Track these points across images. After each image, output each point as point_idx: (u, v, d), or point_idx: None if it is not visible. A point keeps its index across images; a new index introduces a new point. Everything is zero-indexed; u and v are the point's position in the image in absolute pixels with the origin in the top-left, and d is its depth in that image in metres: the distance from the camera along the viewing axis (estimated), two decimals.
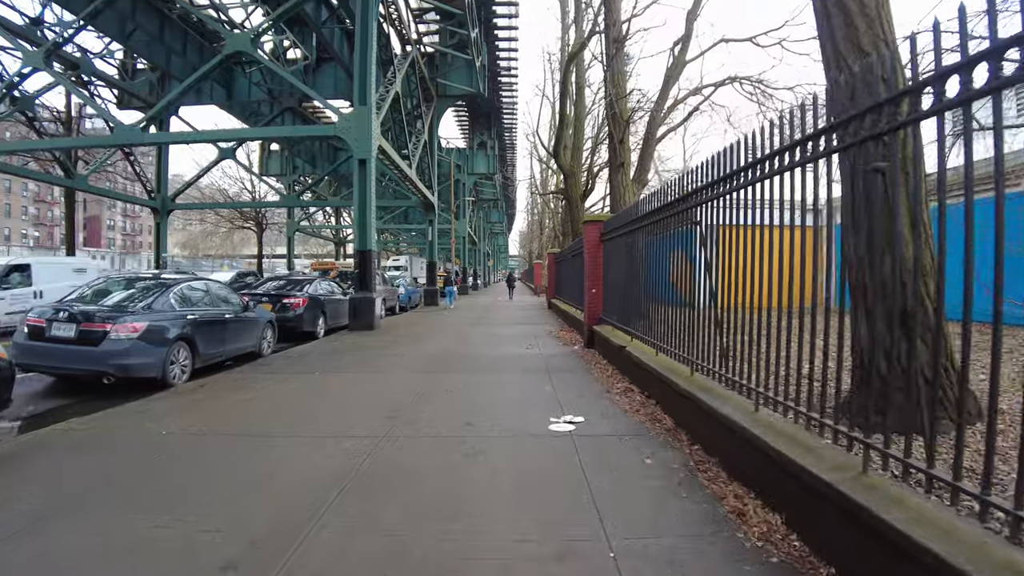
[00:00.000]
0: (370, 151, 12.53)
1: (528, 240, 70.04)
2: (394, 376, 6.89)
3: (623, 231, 7.44)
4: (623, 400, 5.46)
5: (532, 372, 7.06)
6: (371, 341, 10.44)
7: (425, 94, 21.67)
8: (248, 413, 5.12)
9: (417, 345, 9.85)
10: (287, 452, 3.95)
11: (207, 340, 7.54)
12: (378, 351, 9.17)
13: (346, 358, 8.49)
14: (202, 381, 6.84)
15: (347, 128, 12.68)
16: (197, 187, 40.99)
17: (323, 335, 11.79)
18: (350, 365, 7.80)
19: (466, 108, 34.84)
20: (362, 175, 12.55)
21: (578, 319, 11.26)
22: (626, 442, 4.15)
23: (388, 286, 18.06)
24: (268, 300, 11.14)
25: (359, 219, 12.49)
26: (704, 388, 4.19)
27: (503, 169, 46.82)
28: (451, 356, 8.45)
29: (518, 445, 4.09)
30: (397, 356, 8.52)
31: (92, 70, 20.66)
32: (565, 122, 16.06)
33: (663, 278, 5.61)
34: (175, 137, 14.77)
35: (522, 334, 11.53)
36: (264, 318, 9.31)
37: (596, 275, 9.07)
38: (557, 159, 16.76)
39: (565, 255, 16.04)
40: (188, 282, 7.78)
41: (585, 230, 9.31)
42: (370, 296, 12.24)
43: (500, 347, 9.48)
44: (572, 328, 12.02)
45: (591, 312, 9.12)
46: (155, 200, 23.38)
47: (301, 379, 6.78)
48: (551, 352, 8.85)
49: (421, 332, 12.08)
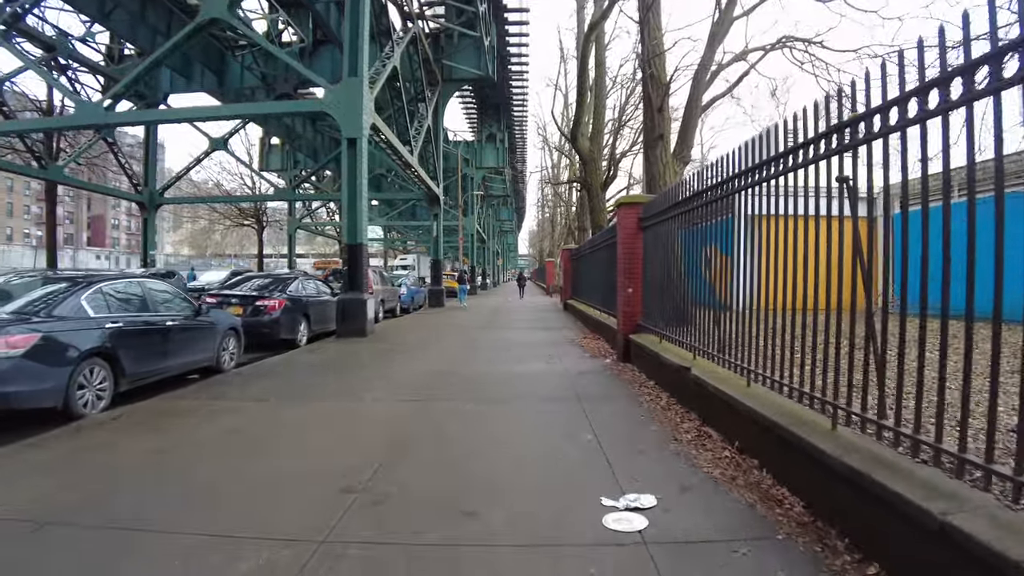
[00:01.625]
0: (361, 129, 10.80)
1: (538, 238, 68.20)
2: (373, 408, 5.12)
3: (677, 212, 5.63)
4: (703, 457, 3.65)
5: (560, 402, 5.26)
6: (358, 352, 8.69)
7: (429, 77, 19.91)
8: (140, 476, 3.38)
9: (413, 357, 8.09)
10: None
11: (137, 355, 5.83)
12: (363, 366, 7.42)
13: (320, 376, 6.75)
14: (124, 410, 5.15)
15: (335, 103, 10.96)
16: (194, 184, 39.83)
17: (305, 343, 10.08)
18: (321, 388, 6.05)
19: (473, 97, 33.10)
20: (352, 157, 10.83)
21: (605, 324, 9.45)
22: (746, 559, 2.35)
23: (388, 286, 16.35)
24: (239, 302, 9.45)
25: (348, 208, 10.76)
26: (877, 460, 2.38)
27: (513, 163, 45.05)
28: (452, 375, 6.68)
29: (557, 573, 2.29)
30: (384, 374, 6.76)
31: (71, 53, 19.14)
32: (584, 101, 14.24)
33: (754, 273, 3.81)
34: (143, 116, 13.17)
35: (539, 342, 9.74)
36: (224, 325, 7.59)
37: (632, 271, 7.26)
38: (575, 143, 14.95)
39: (583, 251, 14.22)
40: (112, 281, 6.06)
41: (619, 216, 7.50)
42: (360, 297, 10.51)
43: (514, 360, 7.70)
44: (597, 334, 10.21)
45: (626, 317, 7.31)
46: (142, 194, 21.90)
47: (246, 412, 5.03)
48: (579, 368, 7.05)
49: (421, 339, 10.32)
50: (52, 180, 18.73)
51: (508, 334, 11.10)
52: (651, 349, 6.15)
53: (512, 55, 28.53)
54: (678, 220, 5.75)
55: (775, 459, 3.20)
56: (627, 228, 7.26)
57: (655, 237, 6.63)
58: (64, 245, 63.27)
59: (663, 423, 4.48)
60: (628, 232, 7.25)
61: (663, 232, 6.36)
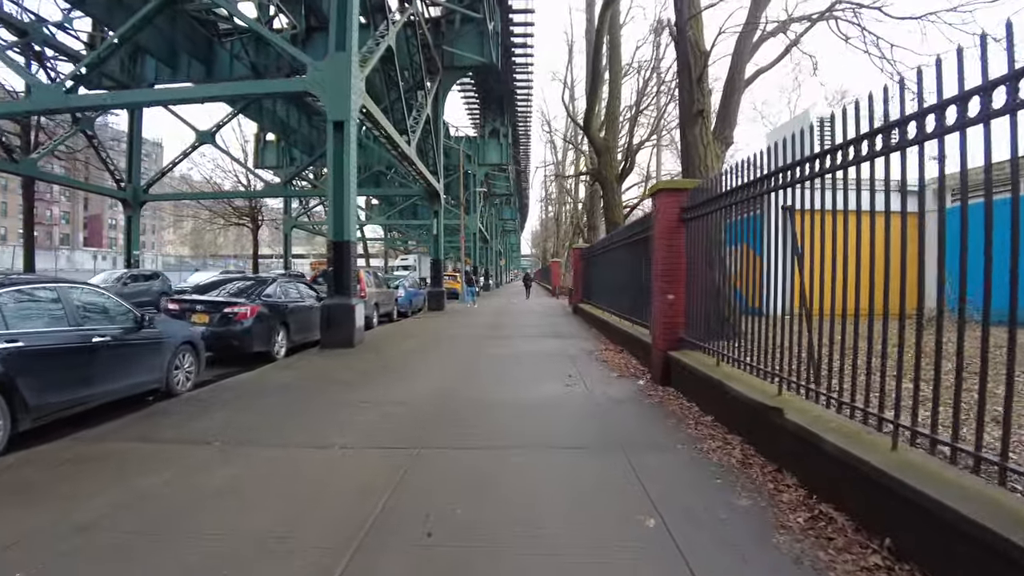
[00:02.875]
0: (348, 111, 9.48)
1: (542, 238, 66.79)
2: (340, 463, 3.78)
3: (742, 198, 4.30)
4: (843, 568, 2.29)
5: (595, 453, 3.90)
6: (341, 368, 7.36)
7: (429, 64, 18.59)
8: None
9: (403, 376, 6.75)
10: None
11: (47, 382, 4.53)
12: (342, 388, 6.08)
13: (286, 404, 5.41)
14: (14, 459, 3.86)
15: (320, 81, 9.64)
16: (187, 181, 38.57)
17: (283, 355, 8.76)
18: (281, 424, 4.71)
19: (476, 90, 31.82)
20: (338, 143, 9.51)
21: (629, 334, 8.10)
22: None
23: (383, 288, 15.02)
24: (204, 309, 8.13)
25: (334, 200, 9.44)
26: None
27: (516, 159, 43.68)
28: (448, 404, 5.33)
29: None
30: (365, 402, 5.41)
31: (46, 39, 17.89)
32: (598, 85, 12.89)
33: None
34: (108, 100, 11.86)
35: (553, 353, 8.39)
36: (176, 338, 6.27)
37: (673, 273, 5.91)
38: (588, 131, 13.61)
39: (597, 250, 12.88)
40: (15, 287, 4.72)
41: (657, 205, 6.16)
42: (347, 303, 9.18)
43: (526, 381, 6.35)
44: (619, 346, 8.86)
45: (665, 330, 5.96)
46: (125, 191, 20.66)
47: (173, 463, 3.70)
48: (607, 393, 5.70)
49: (416, 350, 8.98)
50: (25, 175, 17.48)
51: (517, 344, 9.76)
52: (705, 373, 4.80)
53: (516, 45, 27.22)
54: (741, 208, 4.42)
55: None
56: (666, 220, 5.91)
57: (704, 231, 5.30)
58: (60, 245, 62.19)
59: (750, 491, 3.13)
60: (667, 225, 5.90)
61: (715, 224, 5.03)
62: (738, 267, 4.57)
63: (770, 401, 3.67)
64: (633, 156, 13.66)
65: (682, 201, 5.85)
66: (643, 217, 7.17)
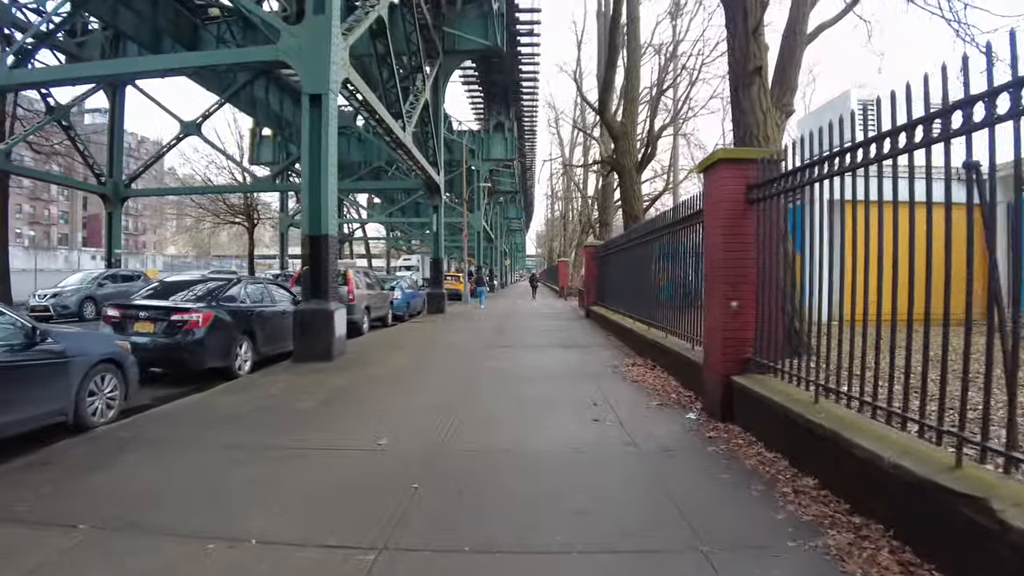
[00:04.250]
0: (327, 82, 8.07)
1: (547, 238, 65.25)
2: (254, 570, 2.35)
3: (859, 162, 2.85)
4: None
5: (658, 563, 2.45)
6: (307, 391, 5.93)
7: (428, 48, 17.18)
8: None
9: (381, 407, 5.32)
10: None
11: None
12: (297, 426, 4.65)
13: (212, 454, 3.97)
14: None
15: (294, 48, 8.24)
16: (180, 179, 37.35)
17: (248, 370, 7.35)
18: (191, 492, 3.26)
19: (480, 84, 30.44)
20: (315, 120, 8.10)
21: (663, 347, 6.64)
22: None
23: (377, 290, 13.60)
24: (149, 316, 6.73)
25: (309, 188, 8.03)
26: None
27: (522, 152, 42.23)
28: (435, 459, 3.88)
29: None
30: (320, 453, 3.97)
31: (14, 20, 16.56)
32: (615, 60, 11.43)
33: None
34: (54, 75, 10.53)
35: (571, 370, 6.94)
36: (91, 355, 4.87)
37: (738, 272, 4.45)
38: (603, 115, 12.16)
39: (615, 247, 11.41)
40: None
41: (712, 182, 4.70)
42: (324, 308, 7.77)
43: (540, 413, 4.90)
44: (648, 358, 7.40)
45: (727, 347, 4.48)
46: (105, 186, 19.37)
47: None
48: (654, 435, 4.23)
49: (403, 367, 7.55)
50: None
51: (525, 356, 8.31)
52: (800, 415, 3.34)
53: (522, 33, 25.80)
54: (855, 178, 2.98)
55: None
56: (726, 201, 4.45)
57: (782, 214, 3.85)
58: (58, 245, 61.29)
59: None
60: (728, 207, 4.44)
61: (809, 203, 3.58)
62: (860, 261, 3.12)
63: (951, 480, 2.22)
64: (654, 142, 12.20)
65: (749, 176, 4.40)
66: (686, 201, 5.71)
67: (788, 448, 3.56)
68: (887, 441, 2.71)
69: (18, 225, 57.84)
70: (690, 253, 5.77)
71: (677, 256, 6.33)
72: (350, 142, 31.24)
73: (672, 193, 19.54)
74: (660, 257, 7.23)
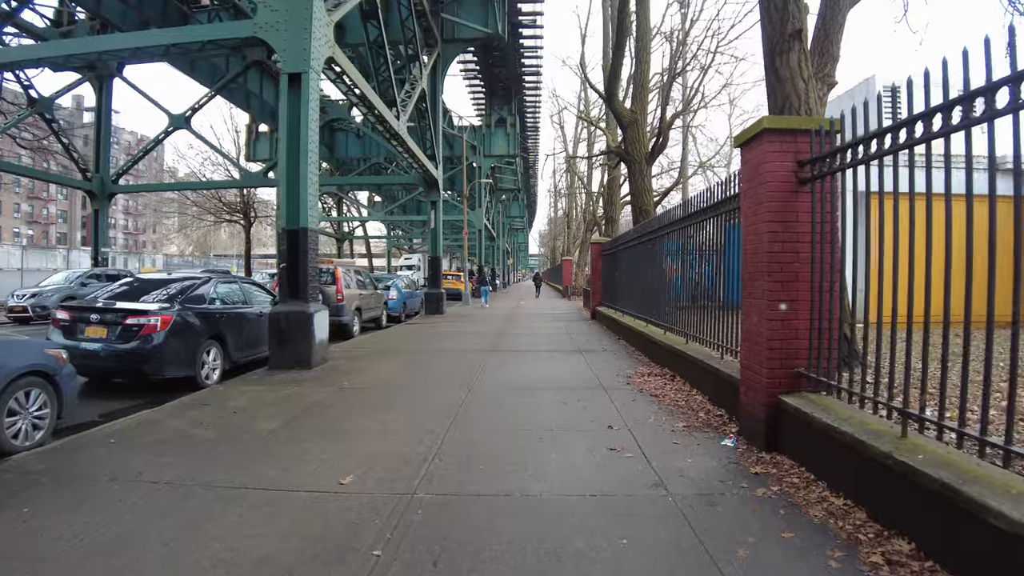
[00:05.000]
0: (308, 60, 7.28)
1: (551, 236, 64.34)
2: None
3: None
4: None
5: None
6: (275, 407, 5.13)
7: (426, 35, 16.39)
8: None
9: (360, 430, 4.52)
10: None
11: None
12: (252, 456, 3.84)
13: (138, 492, 3.16)
14: None
15: (271, 23, 7.44)
16: (180, 179, 36.68)
17: (217, 379, 6.56)
18: (82, 562, 2.47)
19: (481, 78, 29.60)
20: (293, 102, 7.30)
21: (683, 355, 5.81)
22: None
23: (370, 290, 12.80)
24: (101, 320, 5.95)
25: (287, 178, 7.23)
26: None
27: (525, 146, 41.38)
28: (408, 511, 3.09)
29: None
30: (271, 494, 3.17)
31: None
32: (624, 42, 10.60)
33: None
34: (21, 55, 9.73)
35: (578, 380, 6.11)
36: (8, 368, 4.09)
37: (787, 266, 3.62)
38: (611, 102, 11.32)
39: (624, 243, 10.58)
40: None
41: (749, 162, 3.87)
42: (303, 310, 6.97)
43: (545, 443, 4.08)
44: (665, 366, 6.58)
45: (774, 360, 3.64)
46: (91, 182, 18.63)
47: None
48: (687, 474, 3.40)
49: (390, 378, 6.75)
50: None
51: (528, 364, 7.50)
52: (885, 454, 2.52)
53: (525, 25, 25.00)
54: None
55: None
56: (772, 182, 3.62)
57: (837, 193, 3.03)
58: (57, 244, 60.71)
59: None
60: (774, 189, 3.62)
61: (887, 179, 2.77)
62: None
63: None
64: (666, 131, 11.32)
65: (801, 150, 3.58)
66: (717, 185, 4.88)
67: (865, 494, 2.74)
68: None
69: (16, 224, 57.37)
70: (720, 246, 4.95)
71: (703, 250, 5.51)
72: (348, 138, 30.53)
73: (681, 189, 18.70)
74: (681, 252, 6.40)
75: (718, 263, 5.04)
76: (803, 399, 3.49)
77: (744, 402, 3.98)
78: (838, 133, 3.37)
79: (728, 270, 4.87)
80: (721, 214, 4.87)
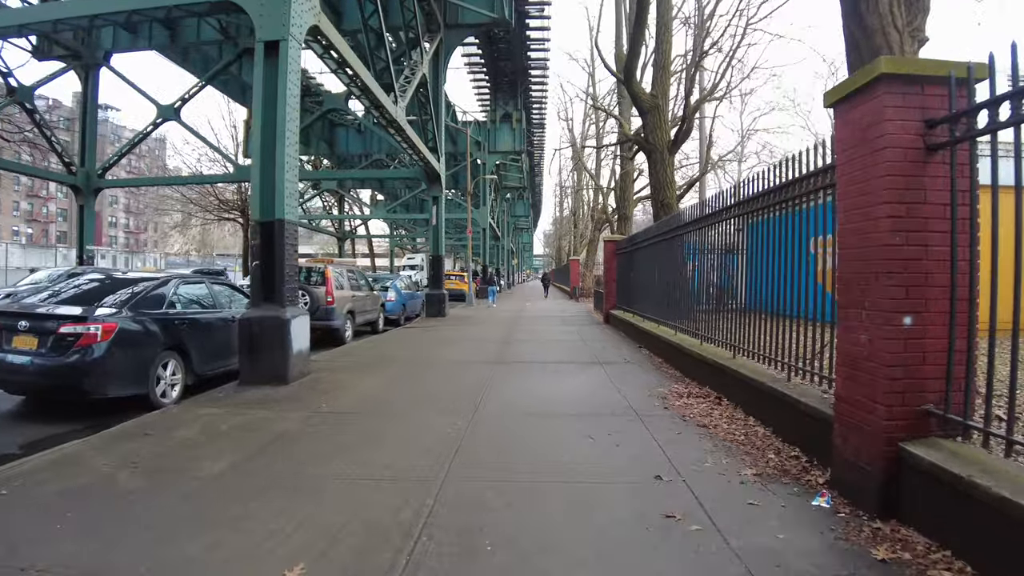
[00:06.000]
0: (286, 27, 6.30)
1: (556, 237, 63.18)
2: None
3: None
4: None
5: None
6: (227, 442, 4.14)
7: (428, 19, 15.41)
8: None
9: (329, 475, 3.53)
10: None
11: None
12: (177, 521, 2.85)
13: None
14: None
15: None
16: (172, 174, 35.83)
17: (176, 396, 5.58)
18: None
19: (486, 71, 28.64)
20: (270, 75, 6.32)
21: (731, 371, 4.80)
22: None
23: (366, 291, 11.82)
24: (31, 327, 4.98)
25: (262, 163, 6.25)
26: None
27: (531, 142, 40.33)
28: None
29: None
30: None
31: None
32: (644, 19, 9.58)
33: None
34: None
35: (600, 400, 5.11)
36: None
37: (910, 268, 2.60)
38: (630, 85, 10.29)
39: (644, 241, 9.56)
40: None
41: (852, 123, 2.84)
42: (278, 316, 5.98)
43: (568, 502, 3.08)
44: (707, 385, 5.56)
45: (893, 394, 2.62)
46: (76, 176, 17.72)
47: None
48: (777, 553, 2.40)
49: (377, 399, 5.75)
50: None
51: (540, 380, 6.50)
52: None
53: (531, 16, 24.05)
54: None
55: None
56: (890, 148, 2.60)
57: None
58: (57, 243, 60.08)
59: None
60: (893, 158, 2.60)
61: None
62: None
63: None
64: (691, 117, 10.26)
65: (930, 105, 2.57)
66: (790, 157, 3.84)
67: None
68: None
69: (15, 223, 56.78)
70: (791, 238, 3.92)
71: (764, 243, 4.48)
72: (348, 133, 29.56)
73: (699, 185, 17.65)
74: (727, 247, 5.38)
75: (787, 259, 4.02)
76: (937, 449, 2.48)
77: (842, 447, 2.96)
78: (979, 83, 2.38)
79: (802, 268, 3.85)
80: (792, 198, 3.85)
